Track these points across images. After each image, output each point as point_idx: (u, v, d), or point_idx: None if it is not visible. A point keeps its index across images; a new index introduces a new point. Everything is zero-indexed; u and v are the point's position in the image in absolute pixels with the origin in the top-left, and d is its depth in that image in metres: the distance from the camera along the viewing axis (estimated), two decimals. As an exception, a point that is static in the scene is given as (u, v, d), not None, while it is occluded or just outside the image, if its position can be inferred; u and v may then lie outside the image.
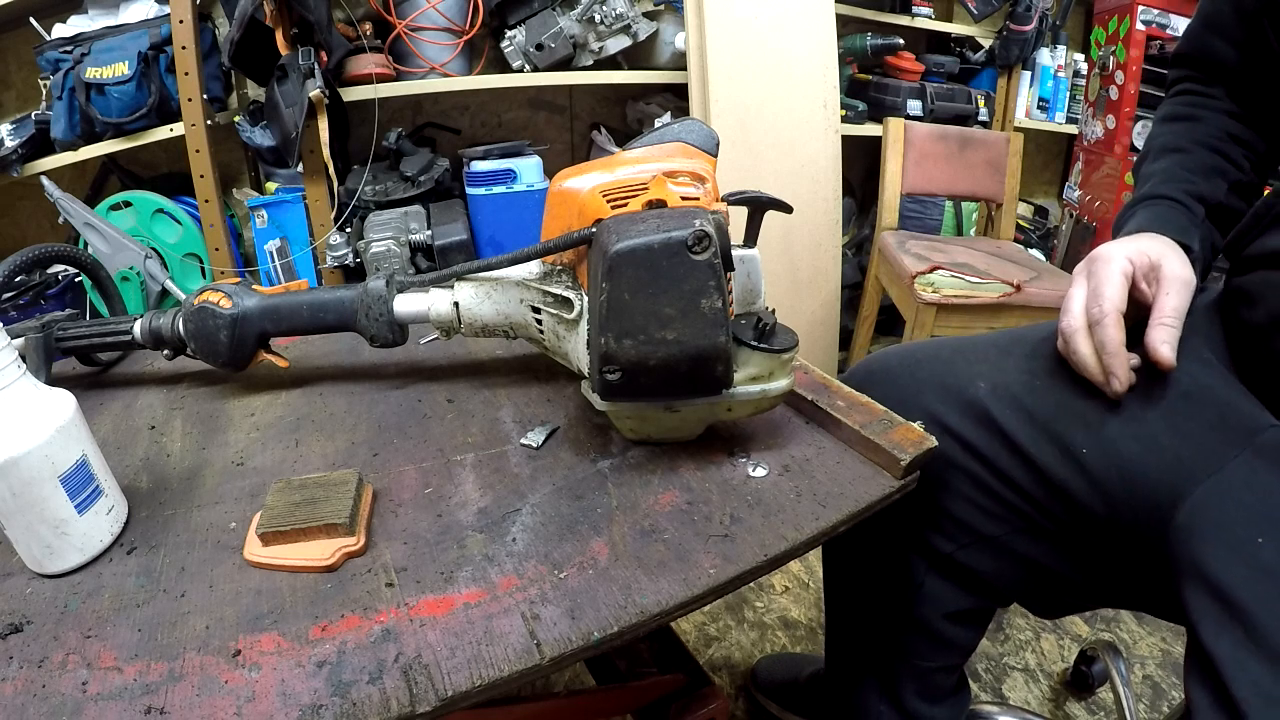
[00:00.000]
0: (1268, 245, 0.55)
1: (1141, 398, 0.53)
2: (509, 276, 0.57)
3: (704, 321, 0.45)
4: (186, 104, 1.41)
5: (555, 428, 0.57)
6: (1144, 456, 0.51)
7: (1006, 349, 0.62)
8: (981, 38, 2.04)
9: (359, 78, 1.48)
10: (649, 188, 0.48)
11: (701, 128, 0.53)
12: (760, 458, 0.53)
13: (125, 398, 0.67)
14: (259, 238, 1.56)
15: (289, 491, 0.47)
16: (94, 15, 1.44)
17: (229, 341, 0.61)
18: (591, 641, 0.38)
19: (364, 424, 0.60)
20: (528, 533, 0.46)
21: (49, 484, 0.42)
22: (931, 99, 1.87)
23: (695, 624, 1.20)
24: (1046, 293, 1.39)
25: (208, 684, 0.36)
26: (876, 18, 1.89)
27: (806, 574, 1.31)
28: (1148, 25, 1.91)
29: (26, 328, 0.63)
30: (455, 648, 0.38)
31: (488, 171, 1.54)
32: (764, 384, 0.50)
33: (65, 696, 0.36)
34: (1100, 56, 2.04)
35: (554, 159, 1.83)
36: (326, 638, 0.39)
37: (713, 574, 0.42)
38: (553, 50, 1.55)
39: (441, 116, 1.80)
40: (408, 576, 0.43)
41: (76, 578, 0.44)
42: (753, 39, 1.57)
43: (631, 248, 0.43)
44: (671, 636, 0.78)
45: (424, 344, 0.74)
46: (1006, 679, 1.10)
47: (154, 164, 1.65)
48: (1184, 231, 0.59)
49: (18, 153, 1.40)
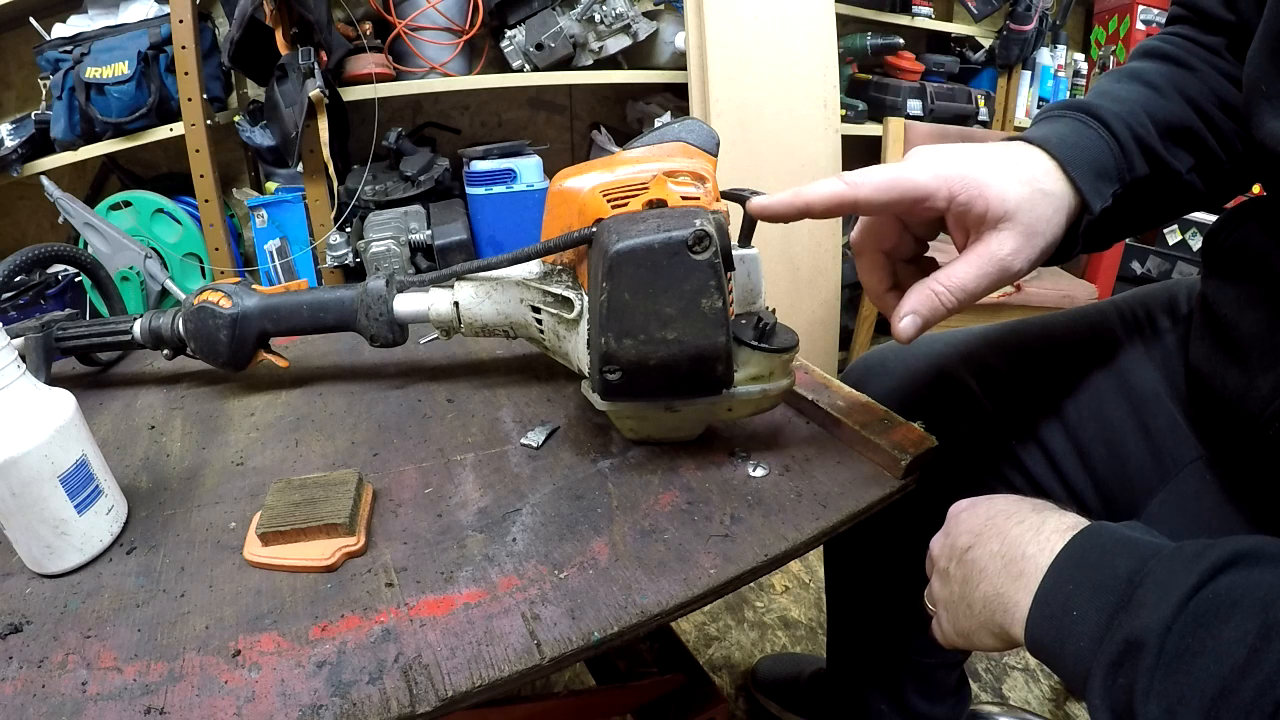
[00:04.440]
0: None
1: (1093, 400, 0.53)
2: (509, 276, 0.57)
3: (704, 321, 0.45)
4: (186, 104, 1.41)
5: (555, 428, 0.57)
6: (1109, 460, 0.52)
7: (998, 342, 0.62)
8: (981, 37, 2.04)
9: (359, 77, 1.48)
10: (649, 187, 0.48)
11: (701, 127, 0.53)
12: (760, 458, 0.53)
13: (125, 398, 0.67)
14: (259, 237, 1.55)
15: (289, 491, 0.47)
16: (94, 15, 1.44)
17: (229, 341, 0.61)
18: (591, 641, 0.38)
19: (364, 424, 0.60)
20: (528, 533, 0.46)
21: (49, 484, 0.42)
22: (931, 99, 1.87)
23: (695, 624, 1.20)
24: (1046, 292, 1.39)
25: (208, 684, 0.36)
26: (876, 17, 1.89)
27: (806, 574, 1.31)
28: (1148, 25, 1.91)
29: (26, 328, 0.63)
30: (455, 648, 0.38)
31: (488, 171, 1.54)
32: (764, 384, 0.50)
33: (65, 696, 0.36)
34: (1100, 56, 2.04)
35: (554, 159, 1.82)
36: (326, 638, 0.39)
37: (713, 574, 0.42)
38: (553, 50, 1.55)
39: (441, 116, 1.80)
40: (408, 576, 0.43)
41: (76, 578, 0.44)
42: (753, 39, 1.57)
43: (632, 247, 0.43)
44: (671, 636, 0.78)
45: (424, 344, 0.74)
46: (1006, 679, 1.10)
47: (154, 164, 1.65)
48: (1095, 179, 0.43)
49: (18, 152, 1.40)
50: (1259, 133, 0.41)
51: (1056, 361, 0.58)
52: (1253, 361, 0.44)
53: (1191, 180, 0.47)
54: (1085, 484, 0.55)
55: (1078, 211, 0.43)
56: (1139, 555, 0.33)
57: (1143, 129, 0.45)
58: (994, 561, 0.38)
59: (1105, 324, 0.59)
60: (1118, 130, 0.44)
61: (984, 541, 0.39)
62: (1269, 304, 0.44)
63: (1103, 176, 0.43)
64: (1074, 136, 0.44)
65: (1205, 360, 0.49)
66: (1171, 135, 0.46)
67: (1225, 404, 0.47)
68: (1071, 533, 0.36)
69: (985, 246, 0.41)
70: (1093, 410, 0.55)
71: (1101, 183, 0.43)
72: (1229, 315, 0.46)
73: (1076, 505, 0.53)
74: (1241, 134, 0.48)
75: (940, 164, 0.41)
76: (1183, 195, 0.48)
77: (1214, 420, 0.50)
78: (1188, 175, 0.47)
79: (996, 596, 0.37)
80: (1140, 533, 0.35)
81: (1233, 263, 0.48)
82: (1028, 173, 0.41)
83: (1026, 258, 0.41)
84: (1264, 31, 0.41)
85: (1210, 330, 0.49)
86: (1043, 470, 0.57)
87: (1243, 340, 0.45)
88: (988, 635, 0.39)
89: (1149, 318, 0.58)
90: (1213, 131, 0.48)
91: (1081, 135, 0.44)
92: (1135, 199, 0.47)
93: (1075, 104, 0.47)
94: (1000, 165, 0.41)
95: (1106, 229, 0.48)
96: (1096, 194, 0.43)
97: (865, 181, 0.41)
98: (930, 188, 0.41)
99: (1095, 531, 0.36)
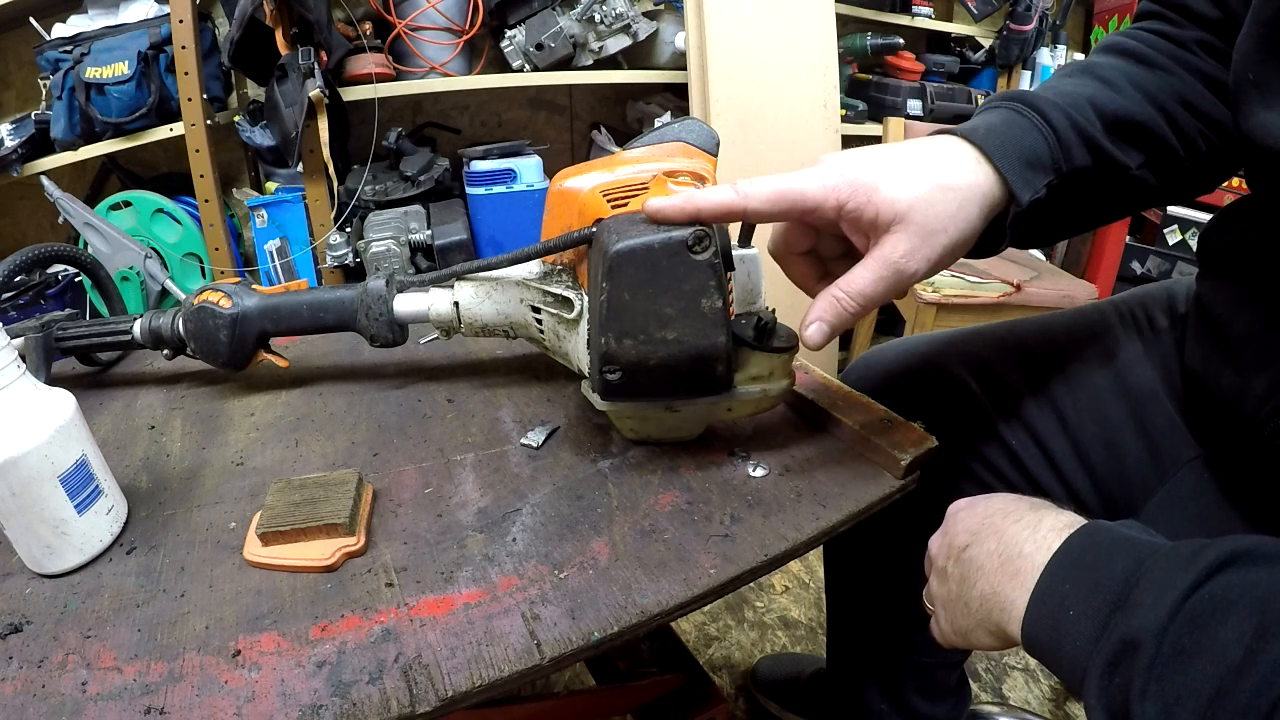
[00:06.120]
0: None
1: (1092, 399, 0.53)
2: (509, 276, 0.57)
3: (704, 321, 0.45)
4: (186, 104, 1.41)
5: (555, 428, 0.57)
6: (1108, 459, 0.52)
7: (998, 342, 0.62)
8: (981, 37, 2.04)
9: (359, 77, 1.48)
10: (649, 187, 0.48)
11: (701, 127, 0.53)
12: (760, 458, 0.53)
13: (125, 397, 0.67)
14: (259, 237, 1.56)
15: (289, 491, 0.47)
16: (94, 15, 1.44)
17: (229, 341, 0.61)
18: (591, 641, 0.38)
19: (364, 424, 0.60)
20: (528, 533, 0.46)
21: (49, 484, 0.42)
22: (931, 99, 1.87)
23: (695, 624, 1.20)
24: (1046, 292, 1.39)
25: (208, 684, 0.36)
26: (876, 17, 1.89)
27: (806, 574, 1.31)
28: (1148, 25, 1.91)
29: (26, 328, 0.63)
30: (455, 648, 0.38)
31: (488, 171, 1.54)
32: (764, 384, 0.50)
33: (65, 696, 0.36)
34: (1100, 56, 2.03)
35: (554, 159, 1.82)
36: (326, 638, 0.39)
37: (713, 574, 0.42)
38: (553, 50, 1.55)
39: (441, 116, 1.80)
40: (408, 576, 0.43)
41: (76, 578, 0.44)
42: (753, 39, 1.57)
43: (631, 247, 0.43)
44: (671, 636, 0.78)
45: (424, 344, 0.74)
46: (1006, 679, 1.10)
47: (154, 164, 1.65)
48: (1023, 169, 0.42)
49: (18, 152, 1.40)
50: (1246, 124, 0.40)
51: (1055, 361, 0.58)
52: (1247, 361, 0.44)
53: (1143, 175, 0.46)
54: (1084, 483, 0.55)
55: (1004, 202, 0.42)
56: (1136, 554, 0.33)
57: (1084, 120, 0.43)
58: (991, 560, 0.38)
59: (1104, 323, 0.59)
60: (1054, 119, 0.43)
61: (981, 540, 0.40)
62: (1262, 304, 0.44)
63: (1034, 166, 0.42)
64: (1004, 126, 0.43)
65: (1200, 361, 0.49)
66: (1119, 130, 0.45)
67: (1221, 404, 0.47)
68: (1068, 531, 0.36)
69: (880, 250, 0.40)
70: (1091, 410, 0.55)
71: (1032, 173, 0.42)
72: (1223, 315, 0.46)
73: (1075, 504, 0.53)
74: (1207, 133, 0.47)
75: (832, 172, 0.41)
76: (1133, 191, 0.47)
77: (1210, 420, 0.50)
78: (1138, 170, 0.45)
79: (993, 595, 0.37)
80: (1137, 532, 0.35)
81: (1226, 263, 0.48)
82: (931, 169, 0.40)
83: (924, 258, 0.40)
84: (1253, 19, 0.40)
85: (1205, 331, 0.49)
86: (1042, 469, 0.57)
87: (1237, 340, 0.45)
88: (985, 634, 0.39)
89: (1148, 317, 0.58)
90: (1173, 128, 0.46)
91: (1013, 124, 0.43)
92: (1077, 192, 0.45)
93: (1013, 94, 0.45)
94: (899, 165, 0.41)
95: (1047, 223, 0.47)
96: (1025, 184, 0.41)
97: (755, 193, 0.41)
98: (817, 198, 0.40)
99: (1092, 530, 0.36)
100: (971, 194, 0.40)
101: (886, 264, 0.40)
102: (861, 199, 0.40)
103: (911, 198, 0.39)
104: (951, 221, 0.40)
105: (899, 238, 0.40)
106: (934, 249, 0.40)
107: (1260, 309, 0.44)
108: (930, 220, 0.40)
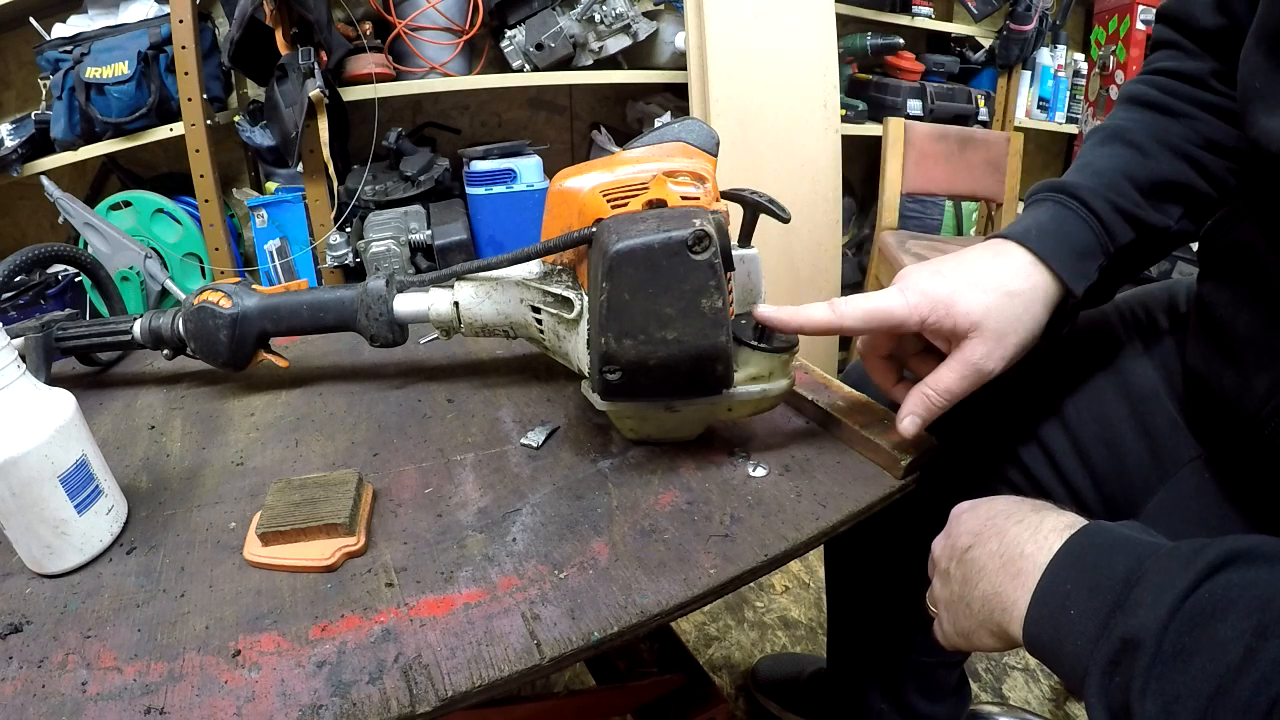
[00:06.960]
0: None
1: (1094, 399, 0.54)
2: (509, 276, 0.57)
3: (704, 321, 0.45)
4: (186, 104, 1.41)
5: (555, 428, 0.57)
6: (1108, 460, 0.52)
7: None
8: (981, 37, 2.04)
9: (359, 77, 1.48)
10: (649, 187, 0.48)
11: (701, 127, 0.53)
12: (760, 458, 0.53)
13: (125, 397, 0.67)
14: (259, 237, 1.55)
15: (289, 491, 0.47)
16: (94, 15, 1.44)
17: (229, 341, 0.61)
18: (591, 641, 0.38)
19: (364, 424, 0.60)
20: (528, 533, 0.46)
21: (49, 484, 0.42)
22: (931, 99, 1.87)
23: (695, 624, 1.20)
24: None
25: (208, 684, 0.36)
26: (876, 17, 1.89)
27: (806, 574, 1.31)
28: (1148, 25, 1.91)
29: (26, 328, 0.63)
30: (455, 648, 0.38)
31: (488, 171, 1.54)
32: (764, 384, 0.50)
33: (65, 696, 0.36)
34: (1100, 56, 2.04)
35: (554, 159, 1.82)
36: (326, 638, 0.39)
37: (713, 574, 0.42)
38: (553, 50, 1.55)
39: (441, 116, 1.80)
40: (408, 576, 0.43)
41: (76, 578, 0.44)
42: (753, 39, 1.57)
43: (631, 247, 0.43)
44: (671, 636, 0.78)
45: (424, 344, 0.74)
46: (1006, 679, 1.10)
47: (154, 164, 1.65)
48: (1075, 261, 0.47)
49: (18, 152, 1.40)
50: (1253, 131, 0.42)
51: (1056, 361, 0.58)
52: (1248, 362, 0.44)
53: (1182, 227, 0.50)
54: (1085, 483, 0.55)
55: (1063, 294, 0.47)
56: (1136, 554, 0.33)
57: (1123, 198, 0.48)
58: (993, 561, 0.38)
59: (1105, 323, 0.59)
60: (1096, 207, 0.48)
61: (983, 541, 0.40)
62: (1264, 304, 0.44)
63: (1084, 256, 0.47)
64: (1051, 224, 0.48)
65: (1201, 360, 0.49)
66: (1157, 192, 0.49)
67: (1222, 404, 0.47)
68: (1069, 532, 0.36)
69: (961, 354, 0.46)
70: (1092, 410, 0.55)
71: (1083, 263, 0.47)
72: (1224, 315, 0.47)
73: (1076, 504, 0.53)
74: (1234, 167, 0.50)
75: (913, 290, 0.46)
76: (1175, 240, 0.51)
77: (1212, 420, 0.50)
78: (1177, 225, 0.50)
79: (995, 595, 0.38)
80: (1138, 532, 0.36)
81: (1228, 263, 0.48)
82: (997, 279, 0.46)
83: (1000, 357, 0.46)
84: (1257, 28, 0.42)
85: (1206, 331, 0.49)
86: (1043, 469, 0.57)
87: (1238, 340, 0.45)
88: (987, 635, 0.39)
89: (1149, 317, 0.58)
90: (1202, 175, 0.50)
91: (1060, 220, 0.48)
92: (1125, 259, 0.50)
93: (1054, 185, 0.50)
94: (969, 278, 0.46)
95: (1099, 292, 0.51)
96: (1079, 276, 0.47)
97: (849, 312, 0.47)
98: (902, 315, 0.46)
99: (1093, 531, 0.36)
100: (1034, 296, 0.46)
101: (968, 365, 0.46)
102: (941, 313, 0.46)
103: (983, 307, 0.45)
104: (1019, 322, 0.46)
105: (976, 342, 0.46)
106: (1006, 348, 0.46)
107: (1261, 309, 0.44)
108: (1001, 325, 0.45)
